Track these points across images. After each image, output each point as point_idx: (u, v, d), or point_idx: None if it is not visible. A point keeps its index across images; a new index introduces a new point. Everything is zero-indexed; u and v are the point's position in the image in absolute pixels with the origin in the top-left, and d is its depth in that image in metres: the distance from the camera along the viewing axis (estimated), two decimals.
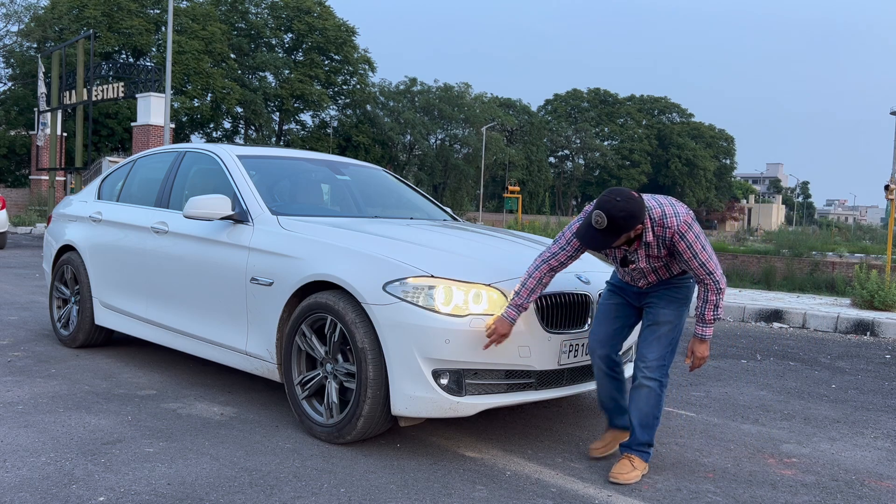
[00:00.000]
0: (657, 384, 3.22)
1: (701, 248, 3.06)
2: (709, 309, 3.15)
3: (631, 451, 3.27)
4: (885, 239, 17.80)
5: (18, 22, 34.13)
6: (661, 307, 3.26)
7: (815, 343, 7.15)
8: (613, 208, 2.92)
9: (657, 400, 3.23)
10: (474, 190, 57.15)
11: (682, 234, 3.04)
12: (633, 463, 3.23)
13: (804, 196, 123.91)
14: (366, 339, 3.30)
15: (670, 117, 79.31)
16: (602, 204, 2.94)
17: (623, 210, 2.92)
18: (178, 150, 5.14)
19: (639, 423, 3.25)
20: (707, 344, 3.21)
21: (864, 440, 3.99)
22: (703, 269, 3.08)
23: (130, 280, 4.88)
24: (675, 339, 3.27)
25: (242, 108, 42.70)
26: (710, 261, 3.08)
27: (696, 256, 3.07)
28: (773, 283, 12.27)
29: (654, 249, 3.12)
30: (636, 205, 2.95)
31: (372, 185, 5.35)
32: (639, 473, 3.21)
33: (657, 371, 3.22)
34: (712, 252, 3.10)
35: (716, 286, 3.12)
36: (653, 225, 3.06)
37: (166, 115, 21.35)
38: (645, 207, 3.01)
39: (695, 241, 3.05)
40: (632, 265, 3.22)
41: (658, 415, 3.25)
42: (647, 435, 3.26)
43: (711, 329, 3.18)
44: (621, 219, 2.92)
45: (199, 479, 3.00)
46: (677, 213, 3.05)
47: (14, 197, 29.72)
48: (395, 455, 3.37)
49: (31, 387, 4.29)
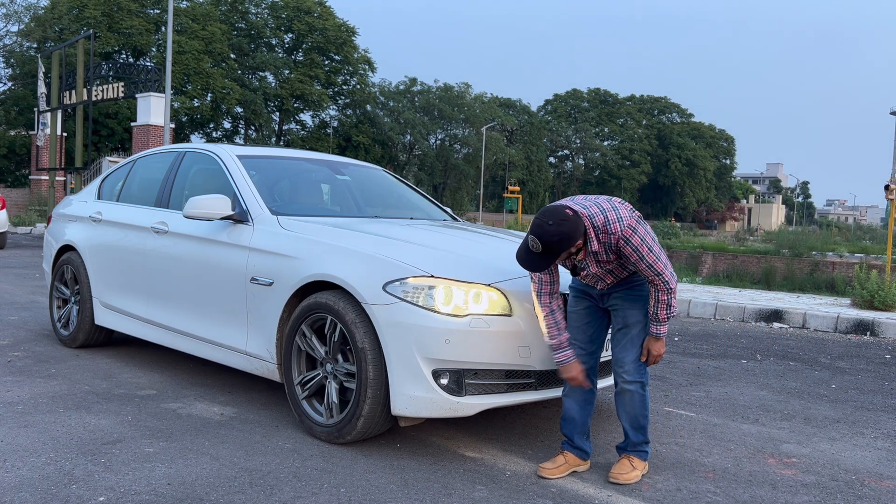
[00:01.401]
0: (639, 386, 3.21)
1: (648, 251, 3.03)
2: (661, 308, 3.13)
3: (628, 452, 3.28)
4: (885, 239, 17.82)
5: (18, 22, 34.14)
6: (626, 308, 3.23)
7: (815, 343, 7.15)
8: (545, 233, 2.89)
9: (642, 401, 3.22)
10: (474, 190, 57.16)
11: (626, 238, 3.00)
12: (633, 463, 3.23)
13: (804, 196, 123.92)
14: (366, 339, 3.30)
15: (670, 117, 79.31)
16: (534, 229, 2.92)
17: (555, 234, 2.89)
18: (178, 150, 5.14)
19: (630, 426, 3.25)
20: (662, 341, 3.21)
21: (864, 440, 3.99)
22: (651, 269, 3.05)
23: (130, 280, 4.88)
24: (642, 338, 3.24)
25: (242, 108, 42.70)
26: (657, 262, 3.05)
27: (642, 259, 3.04)
28: (773, 283, 12.28)
29: (603, 255, 3.09)
30: (569, 226, 2.90)
31: (372, 185, 5.35)
32: (639, 473, 3.21)
33: (636, 373, 3.20)
34: (661, 252, 3.08)
35: (665, 286, 3.09)
36: (596, 233, 3.01)
37: (166, 115, 21.35)
38: (580, 224, 2.94)
39: (640, 245, 3.02)
40: (583, 272, 3.18)
41: (646, 414, 3.25)
42: (640, 435, 3.26)
43: (666, 327, 3.19)
44: (554, 242, 2.90)
45: (199, 479, 3.00)
46: (620, 217, 3.00)
47: (14, 197, 29.72)
48: (395, 455, 3.37)
49: (31, 387, 4.29)
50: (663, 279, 3.08)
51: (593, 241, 3.02)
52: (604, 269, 3.15)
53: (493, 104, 60.72)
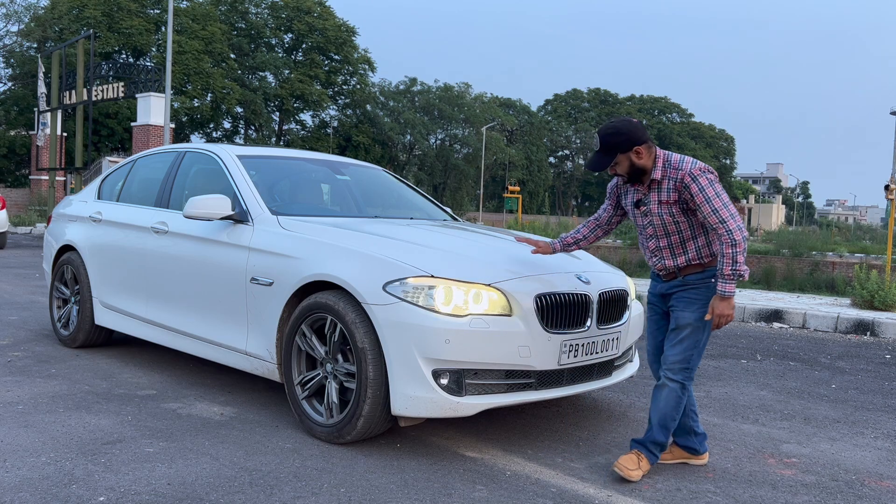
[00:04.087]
0: (678, 385, 3.20)
1: (715, 195, 3.03)
2: (726, 264, 3.03)
3: (641, 449, 3.25)
4: (885, 239, 17.81)
5: (18, 22, 34.15)
6: (681, 310, 3.23)
7: (815, 343, 7.15)
8: (603, 127, 3.19)
9: (677, 401, 3.21)
10: (474, 190, 57.15)
11: (694, 176, 3.07)
12: (640, 462, 3.22)
13: (804, 196, 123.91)
14: (366, 339, 3.30)
15: (670, 117, 79.30)
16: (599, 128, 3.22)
17: (611, 128, 3.15)
18: (178, 150, 5.14)
19: (657, 422, 3.23)
20: (728, 301, 3.06)
21: (864, 440, 3.99)
22: (716, 215, 3.02)
23: (130, 280, 4.88)
24: (699, 340, 3.21)
25: (242, 108, 42.71)
26: (723, 209, 3.02)
27: (708, 201, 3.03)
28: (773, 283, 12.27)
29: (665, 194, 3.15)
30: (625, 125, 3.14)
31: (372, 185, 5.35)
32: (640, 473, 3.20)
33: (679, 373, 3.20)
34: (730, 204, 3.04)
35: (729, 237, 3.01)
36: (665, 165, 3.14)
37: (166, 115, 21.35)
38: (639, 131, 3.13)
39: (708, 186, 3.05)
40: (643, 208, 3.25)
41: (676, 417, 3.23)
42: (662, 435, 3.23)
43: (732, 286, 3.04)
44: (609, 135, 3.13)
45: (199, 479, 3.00)
46: (694, 161, 3.11)
47: (14, 197, 29.73)
48: (395, 455, 3.37)
49: (31, 387, 4.29)
50: (727, 227, 3.01)
51: (658, 170, 3.15)
52: (663, 219, 3.18)
53: (493, 104, 60.74)
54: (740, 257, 3.03)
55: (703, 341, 3.24)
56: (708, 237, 3.20)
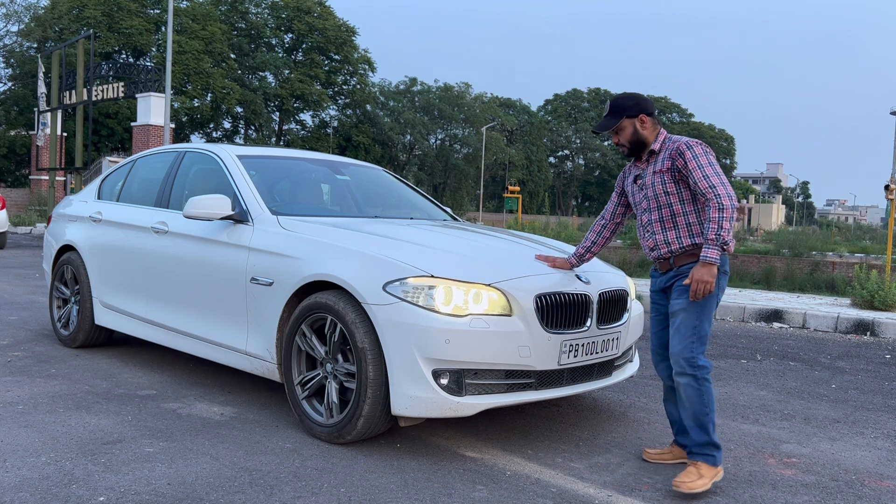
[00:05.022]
0: (690, 379, 3.10)
1: (708, 163, 3.08)
2: (711, 228, 2.99)
3: (695, 458, 3.13)
4: (885, 239, 17.80)
5: (18, 22, 34.15)
6: (674, 298, 3.21)
7: (815, 343, 7.15)
8: (617, 95, 3.39)
9: (698, 394, 3.09)
10: (474, 190, 57.15)
11: (689, 145, 3.15)
12: (700, 470, 3.06)
13: (804, 196, 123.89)
14: (366, 339, 3.30)
15: (670, 117, 79.27)
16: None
17: (622, 95, 3.36)
18: (178, 150, 5.14)
19: (691, 424, 3.13)
20: (709, 268, 2.99)
21: (864, 440, 3.99)
22: (707, 180, 3.04)
23: (130, 280, 4.88)
24: (695, 324, 3.10)
25: (242, 108, 42.70)
26: (714, 176, 3.04)
27: (700, 167, 3.08)
28: (773, 283, 12.27)
29: (659, 164, 3.23)
30: (638, 96, 3.34)
31: (372, 185, 5.35)
32: (707, 481, 3.03)
33: (686, 365, 3.10)
34: (722, 174, 3.07)
35: (717, 201, 3.00)
36: (665, 140, 3.27)
37: (166, 115, 21.35)
38: (648, 104, 3.29)
39: (702, 155, 3.11)
40: (639, 182, 3.33)
41: (707, 410, 3.09)
42: (703, 434, 3.10)
43: (715, 252, 2.98)
44: (620, 98, 3.34)
45: (199, 479, 3.00)
46: (693, 139, 3.19)
47: (14, 197, 29.72)
48: (395, 455, 3.37)
49: (31, 387, 4.29)
50: (716, 192, 3.01)
51: (657, 143, 3.28)
52: (655, 191, 3.23)
53: (493, 104, 60.73)
54: (726, 223, 2.99)
55: (702, 327, 3.12)
56: (699, 216, 3.16)
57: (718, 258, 3.01)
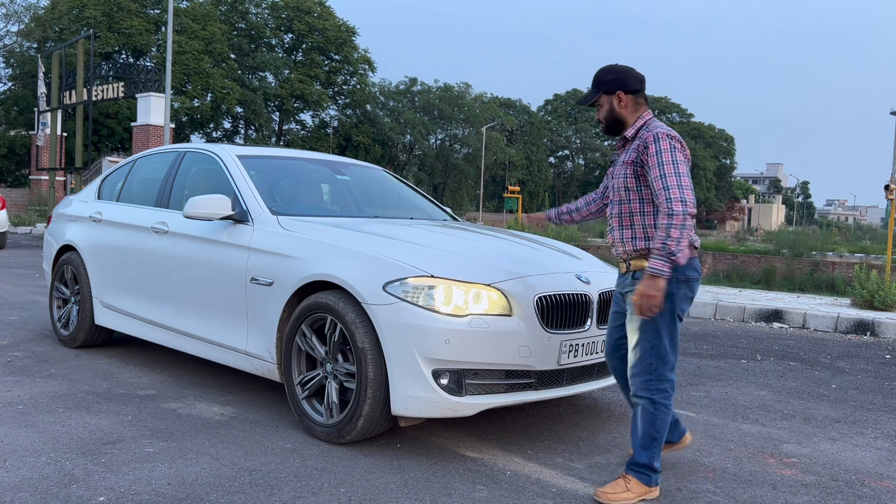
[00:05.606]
0: (646, 402, 2.93)
1: (670, 160, 2.78)
2: (658, 237, 2.73)
3: (629, 472, 2.98)
4: (885, 239, 17.80)
5: (18, 22, 34.15)
6: (629, 311, 2.99)
7: (815, 343, 7.15)
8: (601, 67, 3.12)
9: (650, 418, 2.92)
10: (474, 190, 57.14)
11: (657, 137, 2.85)
12: (629, 484, 2.93)
13: (804, 196, 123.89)
14: (366, 339, 3.30)
15: (670, 117, 79.20)
16: None
17: (604, 67, 3.11)
18: (178, 150, 5.14)
19: (637, 444, 2.97)
20: (654, 282, 2.72)
21: (864, 440, 3.99)
22: (662, 181, 2.76)
23: (130, 280, 4.88)
24: (653, 343, 2.90)
25: (242, 108, 42.71)
26: (673, 176, 2.75)
27: (660, 164, 2.78)
28: (773, 283, 12.27)
29: (628, 154, 2.99)
30: (622, 66, 3.08)
31: (372, 185, 5.35)
32: (633, 496, 2.90)
33: (642, 388, 2.93)
34: (684, 175, 2.78)
35: (668, 206, 2.72)
36: (641, 127, 3.00)
37: (166, 115, 21.35)
38: (629, 75, 3.04)
39: (667, 150, 2.80)
40: (611, 168, 3.15)
41: (657, 435, 2.93)
42: (644, 456, 2.94)
43: (661, 263, 2.72)
44: (601, 71, 3.09)
45: (199, 479, 3.00)
46: (667, 129, 2.91)
47: (14, 197, 29.73)
48: (395, 455, 3.37)
49: (31, 387, 4.29)
50: (669, 195, 2.73)
51: (631, 129, 3.03)
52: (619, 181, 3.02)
53: (493, 104, 60.73)
54: (675, 231, 2.70)
55: (660, 346, 2.89)
56: (645, 222, 2.95)
57: (666, 270, 2.73)
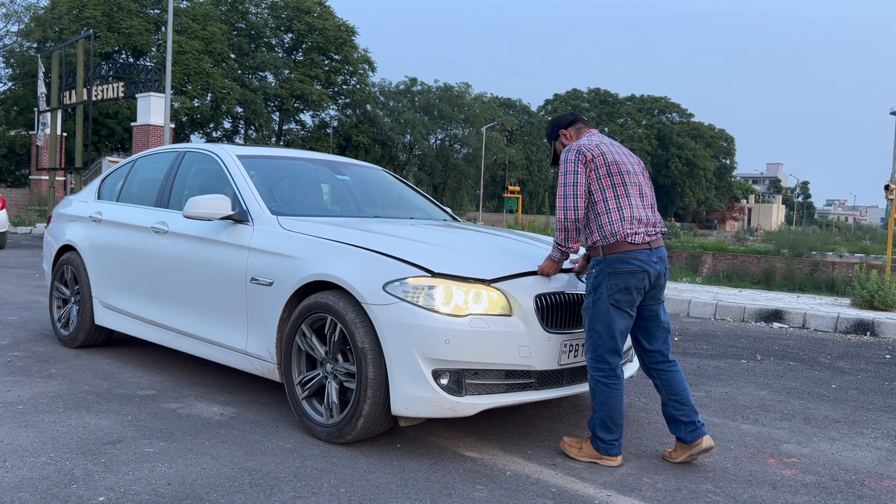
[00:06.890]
0: (590, 377, 3.35)
1: (563, 172, 3.35)
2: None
3: (591, 430, 3.39)
4: (885, 239, 17.81)
5: (18, 22, 34.11)
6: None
7: (815, 343, 7.15)
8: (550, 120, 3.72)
9: (593, 392, 3.34)
10: (474, 190, 57.15)
11: (564, 152, 3.41)
12: (582, 445, 3.41)
13: (804, 196, 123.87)
14: (366, 339, 3.30)
15: (670, 117, 79.28)
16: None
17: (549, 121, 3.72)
18: (178, 150, 5.14)
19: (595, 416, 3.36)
20: (551, 264, 3.47)
21: (864, 440, 3.99)
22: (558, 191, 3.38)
23: (130, 280, 4.88)
24: (590, 325, 3.32)
25: (242, 108, 42.70)
26: (560, 186, 3.35)
27: (559, 175, 3.39)
28: (773, 283, 12.28)
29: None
30: (554, 118, 3.68)
31: (372, 185, 5.35)
32: (583, 455, 3.37)
33: (588, 364, 3.36)
34: (571, 184, 3.30)
35: (558, 212, 3.36)
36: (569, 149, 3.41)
37: (166, 115, 21.35)
38: (560, 118, 3.65)
39: (562, 163, 3.37)
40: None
41: (602, 409, 3.31)
42: (594, 425, 3.35)
43: (557, 252, 3.43)
44: (547, 124, 3.69)
45: (199, 479, 3.00)
46: (577, 144, 3.38)
47: (14, 197, 29.72)
48: (395, 455, 3.38)
49: (31, 387, 4.29)
50: (557, 204, 3.37)
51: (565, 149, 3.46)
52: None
53: (493, 104, 60.72)
54: (559, 234, 3.38)
55: (594, 329, 3.30)
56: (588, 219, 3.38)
57: (556, 255, 3.45)
